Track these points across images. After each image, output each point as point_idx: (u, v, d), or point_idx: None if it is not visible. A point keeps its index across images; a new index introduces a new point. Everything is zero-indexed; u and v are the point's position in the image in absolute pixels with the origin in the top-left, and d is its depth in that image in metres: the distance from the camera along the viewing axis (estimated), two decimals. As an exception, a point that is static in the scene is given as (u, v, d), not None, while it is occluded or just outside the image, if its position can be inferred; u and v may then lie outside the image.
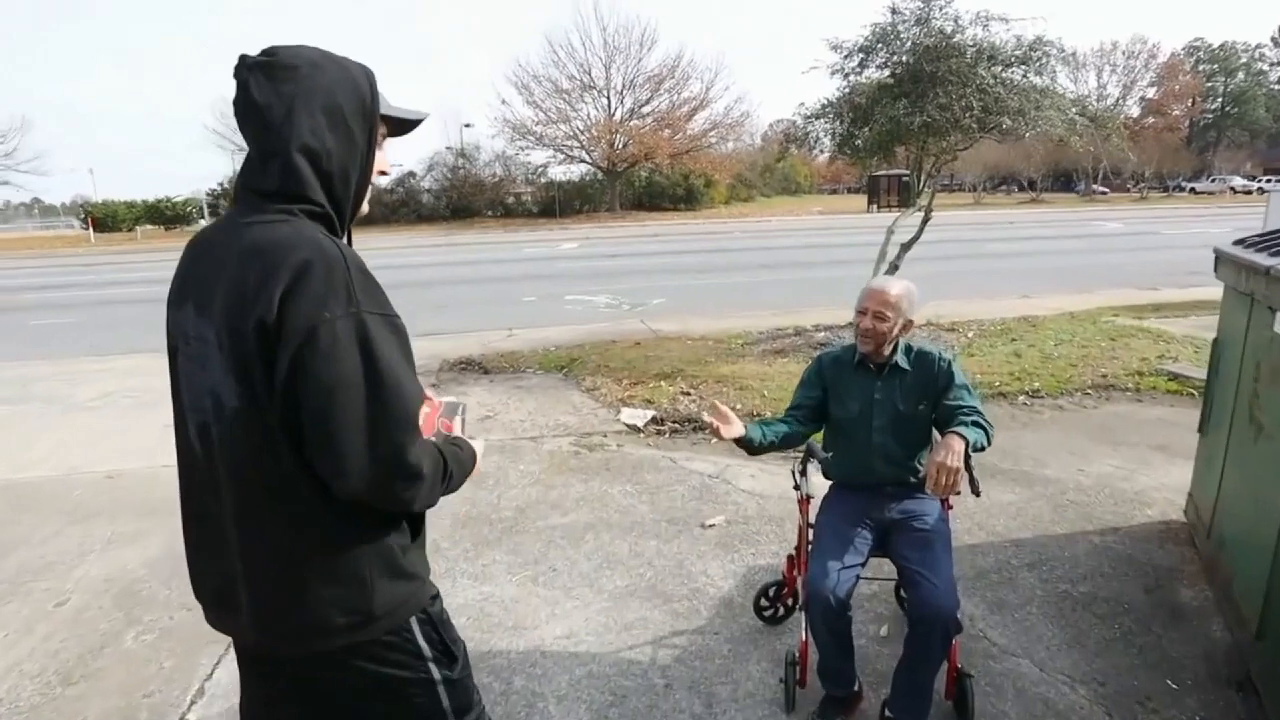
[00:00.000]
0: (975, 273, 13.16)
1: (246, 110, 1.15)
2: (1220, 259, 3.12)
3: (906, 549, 2.17)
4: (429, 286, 13.34)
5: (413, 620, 1.25)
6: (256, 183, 1.16)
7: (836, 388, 2.42)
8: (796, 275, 13.72)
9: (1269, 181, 48.01)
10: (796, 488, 2.40)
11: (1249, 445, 2.57)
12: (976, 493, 2.11)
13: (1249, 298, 2.75)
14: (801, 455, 2.40)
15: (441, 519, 3.63)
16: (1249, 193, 47.61)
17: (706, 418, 2.16)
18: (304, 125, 1.14)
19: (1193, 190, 50.79)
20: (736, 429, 2.17)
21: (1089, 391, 5.47)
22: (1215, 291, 3.42)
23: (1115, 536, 3.32)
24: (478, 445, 1.35)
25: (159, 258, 24.55)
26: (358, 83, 1.20)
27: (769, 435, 2.31)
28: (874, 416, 2.34)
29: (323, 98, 1.16)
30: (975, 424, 2.14)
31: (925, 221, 7.45)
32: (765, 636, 2.67)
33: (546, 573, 3.20)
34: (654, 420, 5.26)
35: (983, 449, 2.12)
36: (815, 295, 10.46)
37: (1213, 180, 51.90)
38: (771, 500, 3.83)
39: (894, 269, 7.23)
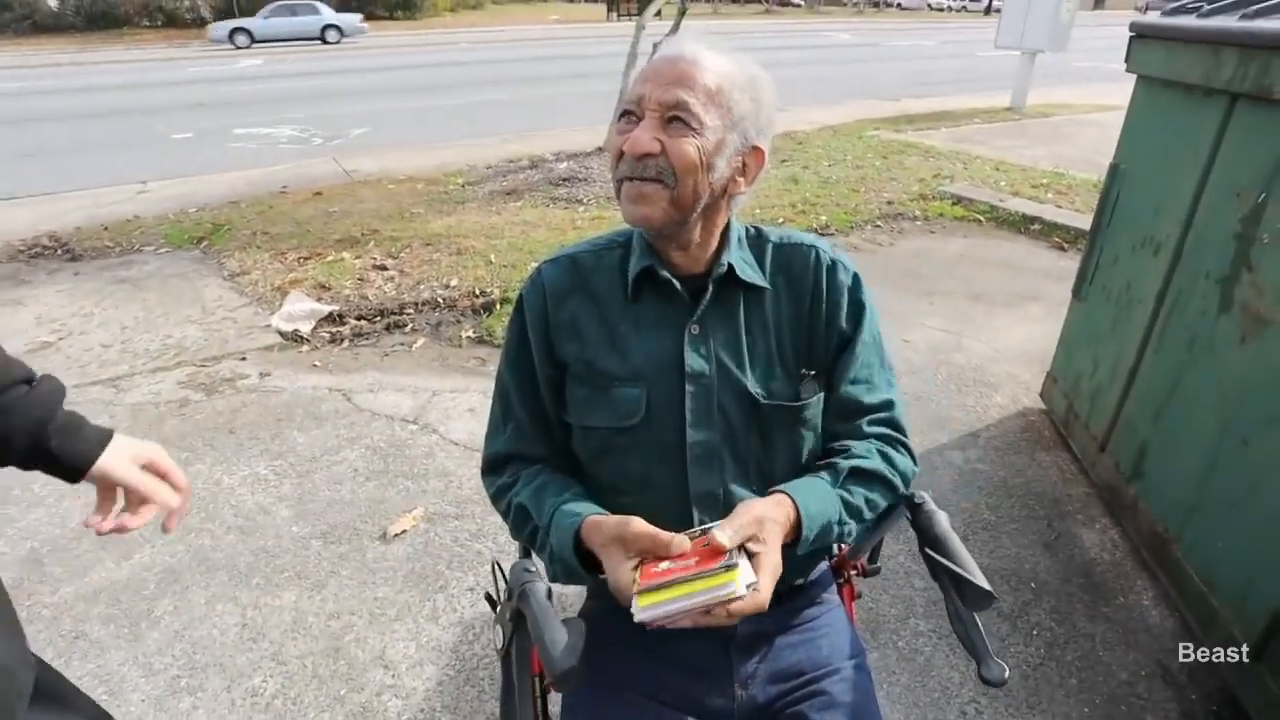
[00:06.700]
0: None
1: None
2: (1149, 40, 2.04)
3: None
4: (18, 124, 9.33)
5: None
6: None
7: (584, 340, 0.93)
8: (533, 92, 11.67)
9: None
10: (493, 601, 0.93)
11: (1230, 347, 1.62)
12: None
13: (1227, 96, 1.70)
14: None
15: None
16: (942, 10, 51.95)
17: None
18: None
19: (899, 7, 54.16)
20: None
21: (879, 224, 4.63)
22: (952, 102, 2.42)
23: (978, 450, 2.42)
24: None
25: None
26: None
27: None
28: (689, 415, 0.90)
29: None
30: (860, 471, 0.90)
31: (682, 15, 5.94)
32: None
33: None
34: (329, 319, 3.51)
35: (850, 526, 0.86)
36: (554, 117, 8.73)
37: (913, -4, 55.58)
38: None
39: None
